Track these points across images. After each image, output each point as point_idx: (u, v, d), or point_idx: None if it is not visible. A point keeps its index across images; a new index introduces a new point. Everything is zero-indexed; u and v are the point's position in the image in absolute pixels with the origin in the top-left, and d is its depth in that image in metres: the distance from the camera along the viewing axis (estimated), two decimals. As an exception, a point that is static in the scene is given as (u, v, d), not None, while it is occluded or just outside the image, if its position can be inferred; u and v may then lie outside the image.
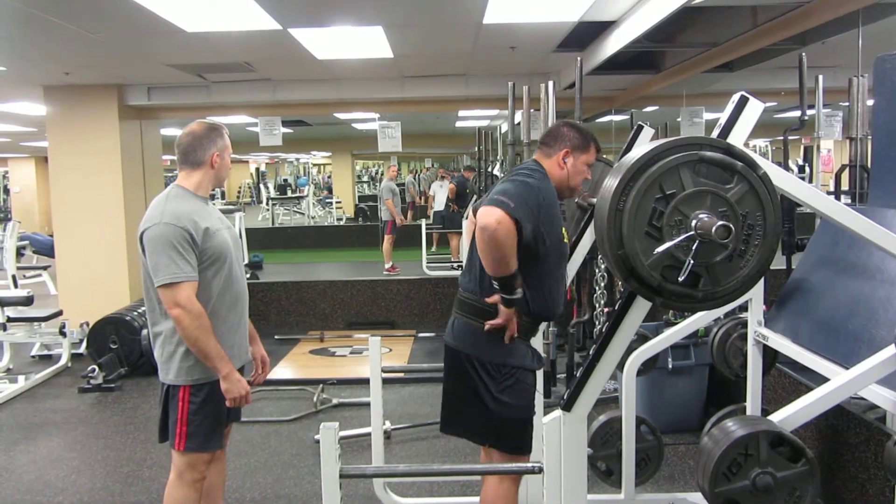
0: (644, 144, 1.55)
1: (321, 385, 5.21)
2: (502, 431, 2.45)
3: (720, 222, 1.39)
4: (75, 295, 6.64)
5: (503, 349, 2.41)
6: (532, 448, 2.52)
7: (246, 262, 10.32)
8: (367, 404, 3.38)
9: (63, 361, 6.04)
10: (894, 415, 2.04)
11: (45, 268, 10.01)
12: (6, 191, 21.03)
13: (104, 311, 5.88)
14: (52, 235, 7.76)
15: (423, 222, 10.47)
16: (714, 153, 1.45)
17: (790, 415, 1.83)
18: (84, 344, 6.13)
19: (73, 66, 5.78)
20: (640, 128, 2.95)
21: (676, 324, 3.34)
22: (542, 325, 3.05)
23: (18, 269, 8.38)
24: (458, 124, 12.99)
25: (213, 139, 2.54)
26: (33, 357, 6.43)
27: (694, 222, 1.43)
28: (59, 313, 6.26)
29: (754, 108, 1.80)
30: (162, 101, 6.95)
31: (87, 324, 6.02)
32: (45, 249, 10.03)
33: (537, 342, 3.12)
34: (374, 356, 3.19)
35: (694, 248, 1.44)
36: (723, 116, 1.82)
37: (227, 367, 2.43)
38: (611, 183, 1.49)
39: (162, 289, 2.38)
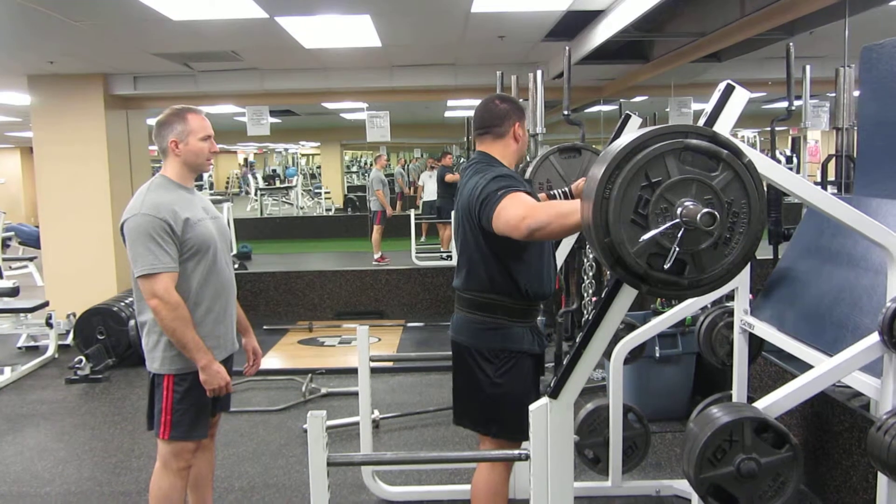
0: (630, 132, 1.55)
1: (310, 375, 5.21)
2: (500, 417, 2.44)
3: (705, 210, 1.40)
4: (62, 286, 6.60)
5: (500, 335, 2.42)
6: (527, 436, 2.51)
7: (234, 252, 10.29)
8: (356, 394, 3.38)
9: (50, 352, 6.00)
10: (878, 402, 2.05)
11: (31, 259, 9.95)
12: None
13: (91, 302, 5.85)
14: (38, 226, 7.71)
15: (413, 212, 10.46)
16: (699, 141, 1.45)
17: (775, 402, 1.85)
18: (71, 335, 6.11)
19: (57, 56, 5.72)
20: (628, 117, 2.96)
21: (663, 313, 3.36)
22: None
23: (4, 260, 8.35)
24: (448, 114, 12.98)
25: (170, 125, 2.48)
26: (20, 348, 6.39)
27: (679, 210, 1.43)
28: (46, 304, 6.23)
29: (740, 97, 1.81)
30: (148, 91, 6.90)
31: (74, 315, 5.99)
32: (31, 240, 9.96)
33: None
34: (362, 345, 3.19)
35: (679, 235, 1.44)
36: (709, 105, 1.83)
37: (206, 358, 2.42)
38: (597, 171, 1.49)
39: (140, 279, 2.38)
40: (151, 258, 2.36)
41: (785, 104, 3.93)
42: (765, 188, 1.56)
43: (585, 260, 4.46)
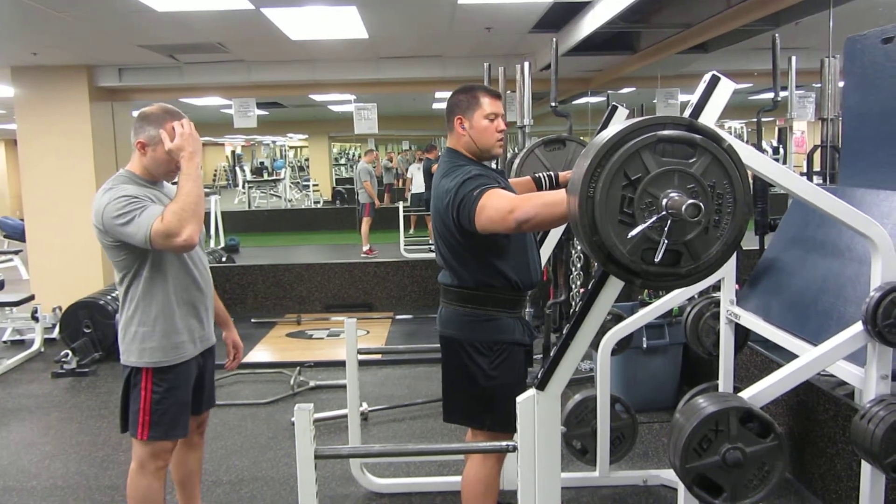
0: (616, 124, 1.55)
1: (298, 368, 5.20)
2: (495, 409, 2.42)
3: (689, 201, 1.39)
4: (47, 279, 6.56)
5: (492, 327, 2.41)
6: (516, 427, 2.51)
7: (222, 245, 10.25)
8: (345, 386, 3.38)
9: (36, 346, 5.96)
10: (862, 391, 2.07)
11: (16, 252, 9.86)
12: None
13: (77, 296, 5.80)
14: (23, 220, 7.64)
15: (401, 205, 10.44)
16: (671, 131, 1.45)
17: (760, 391, 1.86)
18: (57, 329, 6.06)
19: (41, 47, 5.66)
20: (615, 108, 2.96)
21: (651, 303, 3.38)
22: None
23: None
24: (436, 106, 12.94)
25: (147, 124, 2.39)
26: (5, 342, 6.34)
27: (665, 201, 1.43)
28: (31, 298, 6.18)
29: (725, 88, 1.81)
30: (133, 83, 6.85)
31: (60, 308, 5.95)
32: (17, 234, 9.86)
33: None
34: (350, 338, 3.19)
35: (667, 228, 1.44)
36: (694, 96, 1.83)
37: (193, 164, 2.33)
38: (579, 167, 1.49)
39: (152, 243, 2.24)
40: (135, 228, 2.23)
41: (771, 95, 3.93)
42: (749, 174, 1.56)
43: (573, 251, 4.47)
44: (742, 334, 3.03)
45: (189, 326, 2.48)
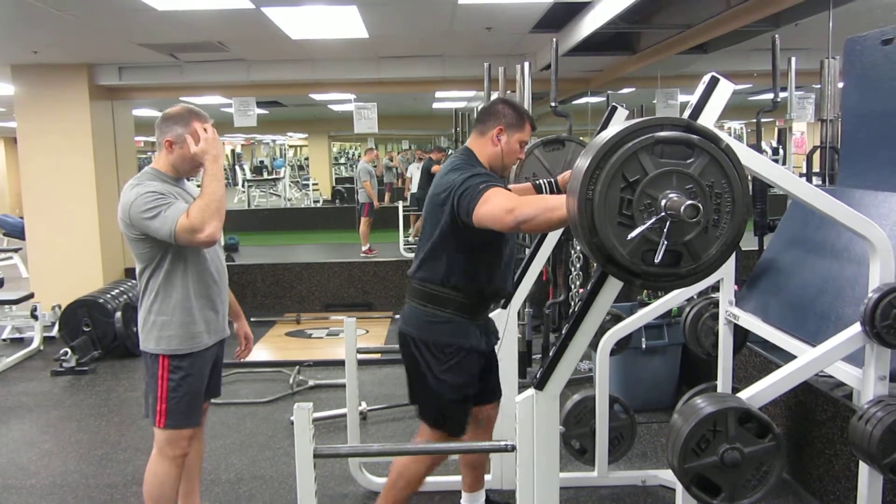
0: (615, 125, 1.55)
1: (297, 367, 5.21)
2: (440, 408, 2.54)
3: (688, 202, 1.39)
4: (47, 277, 6.55)
5: (447, 329, 2.47)
6: (465, 431, 2.59)
7: (222, 244, 10.24)
8: (344, 386, 3.38)
9: (35, 345, 5.96)
10: (860, 391, 2.08)
11: (15, 250, 9.86)
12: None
13: (76, 294, 5.81)
14: (22, 217, 7.64)
15: (401, 204, 10.45)
16: (668, 132, 1.45)
17: (758, 392, 1.87)
18: (56, 327, 6.07)
19: (41, 45, 5.66)
20: (615, 109, 2.96)
21: (650, 304, 3.38)
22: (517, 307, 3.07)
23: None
24: (435, 105, 12.94)
25: (173, 123, 2.49)
26: (4, 340, 6.34)
27: (663, 202, 1.43)
28: (31, 296, 6.18)
29: (725, 89, 1.81)
30: (133, 82, 6.85)
31: (60, 306, 5.95)
32: (16, 232, 9.86)
33: (513, 324, 3.15)
34: (349, 337, 3.20)
35: (666, 229, 1.44)
36: (694, 97, 1.83)
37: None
38: (579, 168, 1.49)
39: (176, 238, 2.35)
40: (161, 222, 2.33)
41: (771, 96, 3.95)
42: (748, 175, 1.56)
43: (573, 251, 4.47)
44: (741, 335, 3.03)
45: (206, 317, 2.58)
